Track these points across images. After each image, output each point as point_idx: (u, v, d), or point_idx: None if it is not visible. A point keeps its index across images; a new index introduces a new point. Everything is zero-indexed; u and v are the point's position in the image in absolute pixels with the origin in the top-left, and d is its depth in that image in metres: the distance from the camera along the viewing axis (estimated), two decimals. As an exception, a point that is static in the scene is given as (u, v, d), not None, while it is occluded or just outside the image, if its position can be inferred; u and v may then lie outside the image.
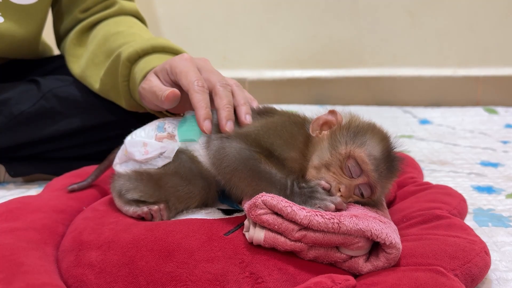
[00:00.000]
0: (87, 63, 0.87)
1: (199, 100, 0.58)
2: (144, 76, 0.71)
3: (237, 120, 0.60)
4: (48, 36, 1.04)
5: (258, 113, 0.61)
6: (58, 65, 1.00)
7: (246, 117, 0.59)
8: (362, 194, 0.53)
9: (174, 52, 0.78)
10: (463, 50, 1.55)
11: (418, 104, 1.56)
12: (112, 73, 0.80)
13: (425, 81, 1.55)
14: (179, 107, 0.67)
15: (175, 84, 0.65)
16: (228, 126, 0.57)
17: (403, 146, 0.56)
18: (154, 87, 0.65)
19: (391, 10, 1.54)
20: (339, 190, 0.52)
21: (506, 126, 1.32)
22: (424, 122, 1.38)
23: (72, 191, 0.70)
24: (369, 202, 0.54)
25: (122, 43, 0.81)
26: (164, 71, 0.66)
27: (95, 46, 0.87)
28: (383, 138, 0.54)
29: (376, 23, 1.56)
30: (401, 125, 1.35)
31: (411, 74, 1.56)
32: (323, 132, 0.55)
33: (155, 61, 0.73)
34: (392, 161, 0.53)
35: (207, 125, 0.57)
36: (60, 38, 1.00)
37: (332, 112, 0.56)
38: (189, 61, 0.64)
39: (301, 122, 0.58)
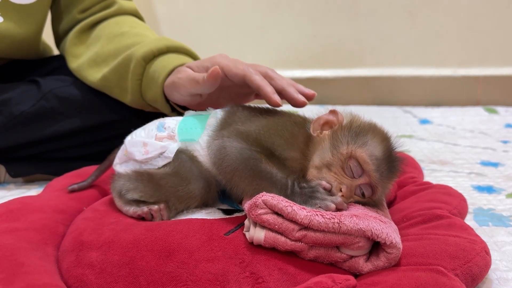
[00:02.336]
0: (88, 63, 0.87)
1: (261, 79, 0.62)
2: (169, 74, 0.73)
3: (239, 120, 0.60)
4: (48, 36, 1.04)
5: (259, 112, 0.61)
6: (58, 65, 1.00)
7: (309, 90, 0.63)
8: (363, 194, 0.53)
9: (187, 52, 0.80)
10: (463, 50, 1.55)
11: (418, 104, 1.56)
12: (119, 71, 0.80)
13: (425, 81, 1.55)
14: (207, 104, 0.69)
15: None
16: (301, 97, 0.61)
17: (403, 146, 0.56)
18: (193, 74, 0.68)
19: (391, 10, 1.54)
20: (340, 190, 0.52)
21: (506, 125, 1.32)
22: (424, 122, 1.38)
23: (73, 191, 0.70)
24: (369, 202, 0.54)
25: (129, 43, 0.82)
26: (203, 68, 0.68)
27: (98, 47, 0.87)
28: (384, 138, 0.54)
29: (376, 23, 1.56)
30: (401, 125, 1.35)
31: (411, 74, 1.56)
32: (324, 132, 0.55)
33: (174, 60, 0.74)
34: (393, 161, 0.54)
35: (277, 97, 0.60)
36: (59, 39, 1.00)
37: (333, 112, 0.56)
38: (229, 58, 0.68)
39: (301, 122, 0.58)
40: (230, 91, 0.72)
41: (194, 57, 0.81)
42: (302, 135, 0.56)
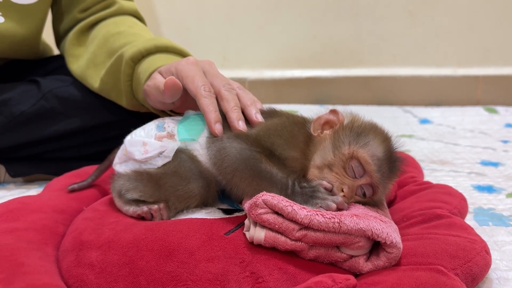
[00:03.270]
0: (87, 64, 0.87)
1: (208, 105, 0.59)
2: (149, 76, 0.71)
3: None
4: (48, 36, 1.04)
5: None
6: (58, 65, 1.00)
7: (257, 116, 0.60)
8: (364, 194, 0.53)
9: (177, 52, 0.78)
10: (463, 50, 1.55)
11: (418, 104, 1.56)
12: (113, 73, 0.80)
13: (425, 81, 1.55)
14: (185, 108, 0.67)
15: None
16: (241, 125, 0.58)
17: (404, 146, 0.56)
18: (158, 83, 0.66)
19: (391, 10, 1.54)
20: (342, 191, 0.52)
21: (506, 125, 1.32)
22: (424, 121, 1.38)
23: (72, 191, 0.70)
24: (370, 201, 0.54)
25: (123, 43, 0.82)
26: (169, 73, 0.67)
27: (95, 47, 0.87)
28: (386, 139, 0.54)
29: (376, 22, 1.56)
30: (401, 125, 1.35)
31: (411, 74, 1.56)
32: (325, 131, 0.55)
33: (159, 61, 0.73)
34: (394, 162, 0.54)
35: (218, 127, 0.58)
36: (59, 38, 1.00)
37: (333, 112, 0.56)
38: (195, 65, 0.65)
39: (301, 122, 0.58)
40: None
41: (185, 56, 0.79)
42: (301, 135, 0.56)
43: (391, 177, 0.54)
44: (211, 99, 0.60)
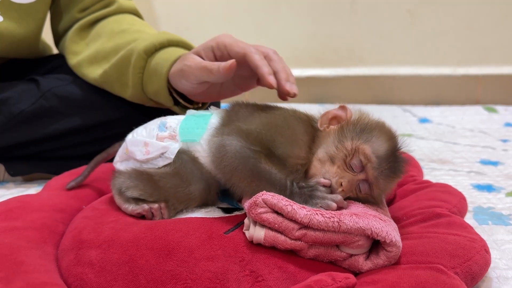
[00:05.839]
0: (89, 60, 0.87)
1: (260, 59, 0.62)
2: (172, 65, 0.73)
3: (241, 117, 0.60)
4: (47, 35, 1.04)
5: (262, 109, 0.61)
6: (57, 64, 1.00)
7: (292, 87, 0.62)
8: (361, 190, 0.53)
9: (187, 46, 0.80)
10: (463, 49, 1.55)
11: (417, 103, 1.56)
12: (120, 66, 0.80)
13: (424, 80, 1.55)
14: (203, 97, 0.70)
15: (220, 60, 0.67)
16: (288, 86, 0.61)
17: (408, 146, 0.56)
18: (203, 63, 0.67)
19: (391, 9, 1.54)
20: (341, 185, 0.52)
21: (505, 124, 1.32)
22: (423, 121, 1.38)
23: (71, 188, 0.70)
24: (369, 199, 0.54)
25: (129, 40, 0.82)
26: (209, 48, 0.69)
27: (99, 45, 0.87)
28: (390, 138, 0.54)
29: (375, 22, 1.56)
30: (401, 124, 1.35)
31: (410, 73, 1.56)
32: (331, 126, 0.56)
33: (175, 53, 0.75)
34: (396, 161, 0.53)
35: (272, 79, 0.60)
36: (58, 38, 1.00)
37: (342, 107, 0.57)
38: (233, 37, 0.69)
39: (305, 118, 0.58)
40: (234, 76, 0.71)
41: None
42: (306, 131, 0.56)
43: (392, 176, 0.54)
44: (261, 56, 0.63)
